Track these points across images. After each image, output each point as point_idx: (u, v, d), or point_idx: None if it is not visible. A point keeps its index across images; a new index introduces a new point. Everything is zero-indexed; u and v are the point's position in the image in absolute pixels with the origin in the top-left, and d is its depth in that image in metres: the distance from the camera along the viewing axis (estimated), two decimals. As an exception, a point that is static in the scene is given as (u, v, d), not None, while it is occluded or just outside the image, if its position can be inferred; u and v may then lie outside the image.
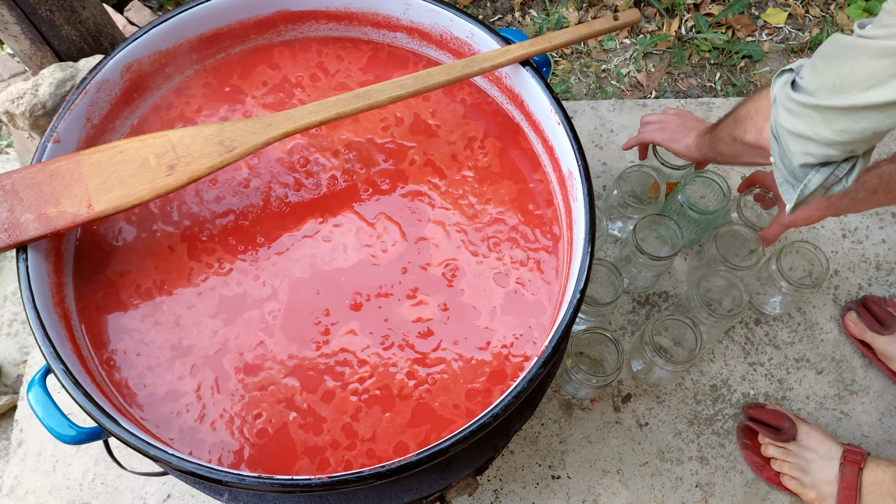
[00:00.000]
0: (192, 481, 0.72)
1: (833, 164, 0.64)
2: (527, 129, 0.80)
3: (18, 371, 1.19)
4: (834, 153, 0.62)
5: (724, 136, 0.84)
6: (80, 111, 0.73)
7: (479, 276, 0.74)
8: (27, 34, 0.99)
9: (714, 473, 1.03)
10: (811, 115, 0.61)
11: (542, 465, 1.02)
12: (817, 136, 0.61)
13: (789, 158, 0.65)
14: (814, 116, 0.61)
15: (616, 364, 0.95)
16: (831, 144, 0.61)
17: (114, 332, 0.71)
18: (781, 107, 0.65)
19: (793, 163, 0.65)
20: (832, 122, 0.60)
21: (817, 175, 0.64)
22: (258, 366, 0.70)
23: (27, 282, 0.64)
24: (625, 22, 0.78)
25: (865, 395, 1.07)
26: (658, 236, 1.07)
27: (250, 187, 0.77)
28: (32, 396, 0.66)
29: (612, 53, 1.52)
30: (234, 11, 0.80)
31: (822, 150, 0.62)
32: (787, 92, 0.63)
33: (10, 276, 1.25)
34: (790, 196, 0.68)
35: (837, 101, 0.59)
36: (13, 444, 1.03)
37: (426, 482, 0.72)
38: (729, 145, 0.83)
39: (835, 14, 1.55)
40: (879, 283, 1.15)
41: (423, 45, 0.84)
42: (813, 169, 0.64)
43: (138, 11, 1.39)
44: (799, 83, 0.63)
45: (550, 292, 0.73)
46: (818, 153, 0.62)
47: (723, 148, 0.85)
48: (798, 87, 0.63)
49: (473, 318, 0.72)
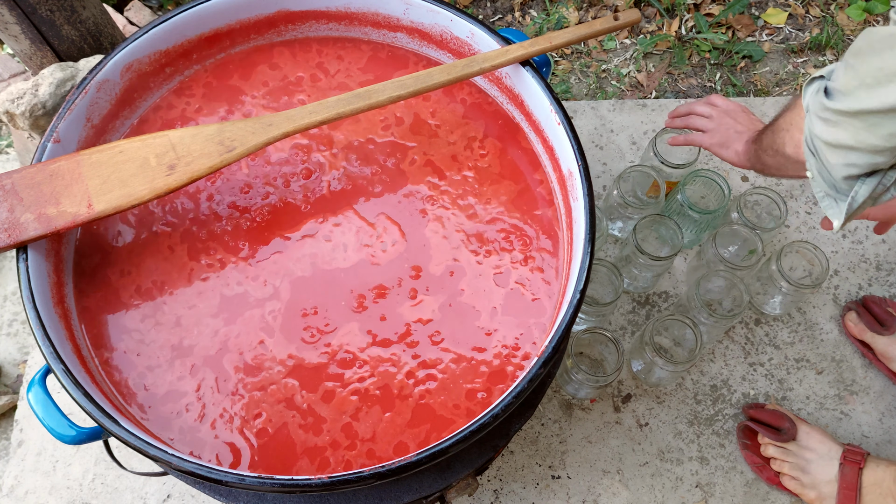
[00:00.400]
0: (192, 481, 0.73)
1: (880, 173, 0.58)
2: (527, 129, 0.80)
3: (18, 371, 1.19)
4: (881, 160, 0.56)
5: (767, 147, 0.78)
6: (80, 111, 0.73)
7: (479, 277, 0.74)
8: (27, 34, 0.99)
9: (714, 473, 1.03)
10: (851, 122, 0.56)
11: (542, 465, 1.02)
12: (861, 144, 0.56)
13: (829, 172, 0.60)
14: (854, 124, 0.56)
15: (616, 364, 0.95)
16: (878, 152, 0.55)
17: (114, 332, 0.71)
18: (816, 117, 0.59)
19: (834, 176, 0.60)
20: (877, 126, 0.54)
21: (864, 186, 0.59)
22: (258, 366, 0.70)
23: (27, 282, 0.64)
24: (625, 22, 0.78)
25: (865, 395, 1.07)
26: (658, 236, 1.07)
27: (250, 187, 0.77)
28: (32, 396, 0.66)
29: (612, 53, 1.52)
30: (234, 11, 0.80)
31: (867, 158, 0.56)
32: (821, 100, 0.58)
33: (10, 276, 1.25)
34: (835, 211, 0.62)
35: (881, 99, 0.52)
36: (13, 444, 1.03)
37: (426, 482, 0.72)
38: (772, 157, 0.76)
39: (835, 14, 1.55)
40: (879, 283, 1.15)
41: (424, 45, 0.84)
42: (858, 180, 0.59)
43: (138, 11, 1.39)
44: (832, 88, 0.58)
45: (550, 292, 0.73)
46: (863, 163, 0.57)
47: (767, 159, 0.78)
48: (832, 93, 0.58)
49: (473, 318, 0.72)
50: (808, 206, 1.20)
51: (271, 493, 0.69)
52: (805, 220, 1.19)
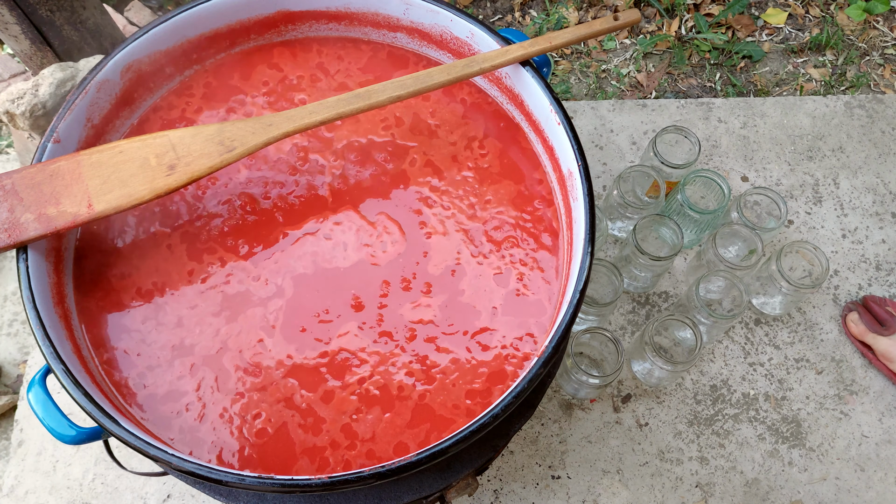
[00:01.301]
0: (192, 481, 0.73)
1: None
2: (527, 129, 0.80)
3: (18, 371, 1.19)
4: None
5: None
6: (80, 111, 0.73)
7: (479, 277, 0.74)
8: (27, 34, 0.99)
9: (714, 473, 1.03)
10: None
11: (542, 465, 1.02)
12: None
13: None
14: None
15: (616, 364, 0.95)
16: None
17: (114, 331, 0.71)
18: None
19: None
20: None
21: None
22: (258, 365, 0.70)
23: (27, 282, 0.64)
24: (625, 22, 0.78)
25: (865, 395, 1.07)
26: (658, 236, 1.07)
27: (250, 187, 0.77)
28: (32, 396, 0.66)
29: (612, 53, 1.52)
30: (234, 11, 0.80)
31: None
32: None
33: (10, 276, 1.25)
34: None
35: None
36: (13, 444, 1.03)
37: (426, 482, 0.72)
38: None
39: (835, 14, 1.55)
40: (879, 283, 1.15)
41: (424, 45, 0.84)
42: None
43: (138, 11, 1.39)
44: None
45: (550, 292, 0.73)
46: None
47: None
48: None
49: (473, 318, 0.72)
50: (808, 206, 1.20)
51: (271, 493, 0.69)
52: (805, 220, 1.19)
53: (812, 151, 1.25)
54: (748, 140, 1.25)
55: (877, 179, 1.23)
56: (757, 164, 1.23)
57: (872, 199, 1.21)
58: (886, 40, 1.62)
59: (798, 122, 1.28)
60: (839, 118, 1.29)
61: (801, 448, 1.04)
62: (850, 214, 1.20)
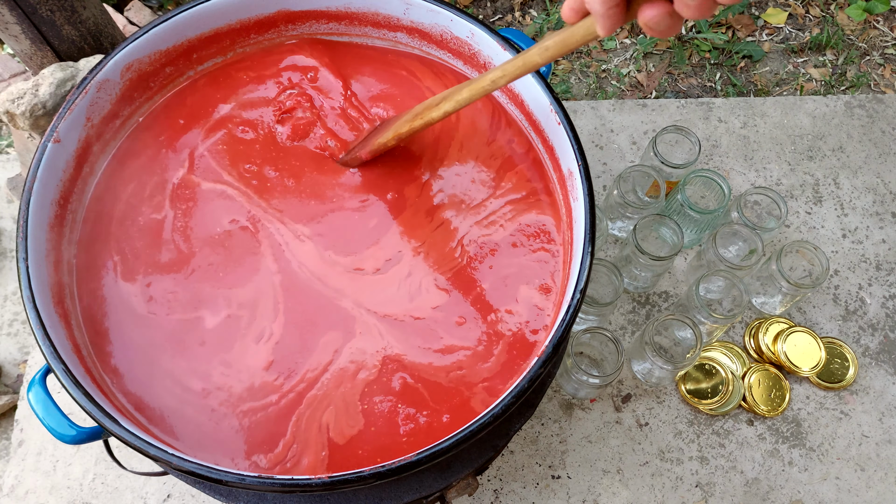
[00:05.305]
0: (192, 481, 0.73)
1: None
2: (527, 129, 0.80)
3: (18, 371, 1.19)
4: None
5: None
6: (80, 111, 0.73)
7: (479, 277, 0.74)
8: (27, 34, 0.99)
9: (714, 473, 1.03)
10: None
11: (542, 465, 1.02)
12: None
13: None
14: None
15: (616, 364, 0.95)
16: None
17: (114, 331, 0.71)
18: None
19: None
20: None
21: None
22: (257, 363, 0.69)
23: (27, 282, 0.64)
24: (625, 22, 0.77)
25: (865, 395, 1.07)
26: (658, 236, 1.07)
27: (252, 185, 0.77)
28: (32, 396, 0.67)
29: (612, 53, 1.52)
30: (235, 11, 0.80)
31: None
32: None
33: (10, 276, 1.25)
34: None
35: None
36: (13, 443, 1.03)
37: (426, 482, 0.72)
38: None
39: (835, 14, 1.55)
40: (879, 283, 1.15)
41: (424, 45, 0.84)
42: None
43: (138, 11, 1.39)
44: None
45: (550, 292, 0.73)
46: None
47: None
48: None
49: (473, 318, 0.72)
50: (808, 206, 1.20)
51: (271, 493, 0.69)
52: (805, 220, 1.19)
53: (812, 151, 1.25)
54: (748, 140, 1.25)
55: (877, 179, 1.23)
56: (757, 163, 1.23)
57: (872, 199, 1.21)
58: (886, 40, 1.62)
59: (798, 121, 1.28)
60: (839, 118, 1.29)
61: (802, 448, 1.04)
62: (850, 214, 1.20)
